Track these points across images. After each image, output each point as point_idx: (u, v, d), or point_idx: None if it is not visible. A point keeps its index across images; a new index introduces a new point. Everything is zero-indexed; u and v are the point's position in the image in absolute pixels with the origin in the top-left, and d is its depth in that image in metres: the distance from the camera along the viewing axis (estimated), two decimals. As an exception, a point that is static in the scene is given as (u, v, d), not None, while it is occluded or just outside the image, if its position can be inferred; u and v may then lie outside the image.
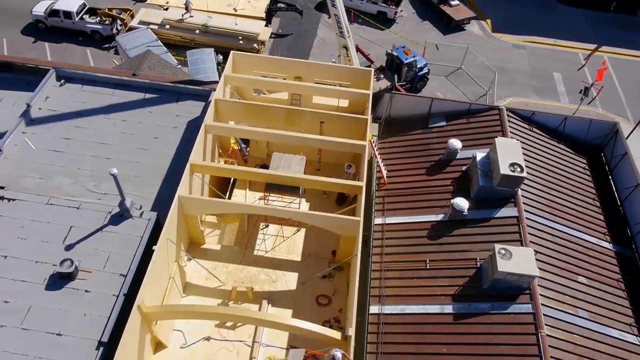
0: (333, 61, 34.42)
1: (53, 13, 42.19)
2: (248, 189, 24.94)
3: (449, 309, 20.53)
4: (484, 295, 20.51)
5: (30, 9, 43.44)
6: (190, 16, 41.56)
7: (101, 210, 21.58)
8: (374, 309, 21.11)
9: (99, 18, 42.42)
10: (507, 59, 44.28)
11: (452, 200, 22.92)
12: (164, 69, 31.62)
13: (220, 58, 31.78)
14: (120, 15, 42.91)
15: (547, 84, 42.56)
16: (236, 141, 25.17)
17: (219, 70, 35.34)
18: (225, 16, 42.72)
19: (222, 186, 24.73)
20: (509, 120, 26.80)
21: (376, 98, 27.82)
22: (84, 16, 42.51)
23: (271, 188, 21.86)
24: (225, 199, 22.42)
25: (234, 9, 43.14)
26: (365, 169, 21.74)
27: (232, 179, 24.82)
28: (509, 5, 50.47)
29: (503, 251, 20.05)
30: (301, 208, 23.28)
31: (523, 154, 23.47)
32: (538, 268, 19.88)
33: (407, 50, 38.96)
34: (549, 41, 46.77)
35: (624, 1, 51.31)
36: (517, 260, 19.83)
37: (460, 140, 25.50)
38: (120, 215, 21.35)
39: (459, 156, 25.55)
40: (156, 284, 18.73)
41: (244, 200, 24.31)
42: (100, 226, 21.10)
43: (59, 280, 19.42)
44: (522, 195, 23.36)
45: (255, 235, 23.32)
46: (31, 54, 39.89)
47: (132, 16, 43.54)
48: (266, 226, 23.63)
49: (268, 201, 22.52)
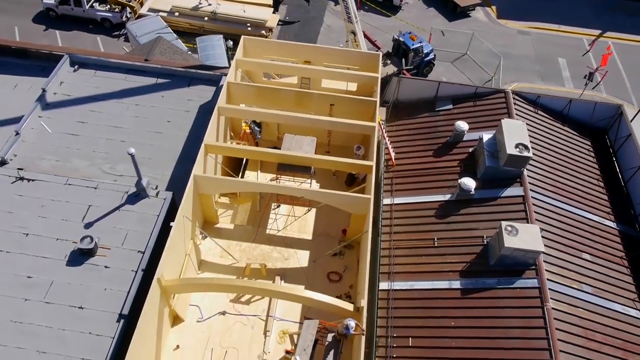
0: (341, 46, 34.85)
1: (63, 1, 42.73)
2: (259, 171, 25.53)
3: (456, 284, 21.13)
4: (491, 271, 21.10)
5: (40, -3, 43.93)
6: (199, 3, 42.02)
7: (118, 190, 22.20)
8: (383, 285, 21.71)
9: (108, 6, 42.93)
10: (512, 45, 44.65)
11: (460, 180, 23.44)
12: (175, 55, 32.14)
13: (231, 44, 32.33)
14: (130, 3, 43.39)
15: (552, 69, 42.94)
16: (248, 124, 25.69)
17: (229, 55, 35.84)
18: (234, 3, 43.16)
19: (234, 168, 25.32)
20: (514, 103, 27.26)
21: (383, 83, 28.29)
22: (94, 4, 43.07)
23: (283, 168, 22.44)
24: (238, 178, 22.98)
25: (242, -5, 43.64)
26: (375, 149, 22.27)
27: (244, 162, 25.38)
28: (514, -9, 50.84)
29: (509, 228, 20.60)
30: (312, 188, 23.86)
31: (528, 135, 23.95)
32: (543, 245, 20.45)
33: (414, 36, 39.38)
34: (553, 27, 47.10)
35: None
36: (523, 237, 20.38)
37: (467, 123, 26.00)
38: (136, 195, 21.97)
39: (465, 138, 26.05)
40: (173, 260, 19.37)
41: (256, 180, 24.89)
42: (117, 205, 21.72)
43: (79, 257, 20.08)
44: (528, 175, 23.87)
45: (267, 215, 23.94)
46: (42, 41, 40.34)
47: (142, 4, 44.05)
48: (278, 206, 24.24)
49: (280, 181, 23.11)
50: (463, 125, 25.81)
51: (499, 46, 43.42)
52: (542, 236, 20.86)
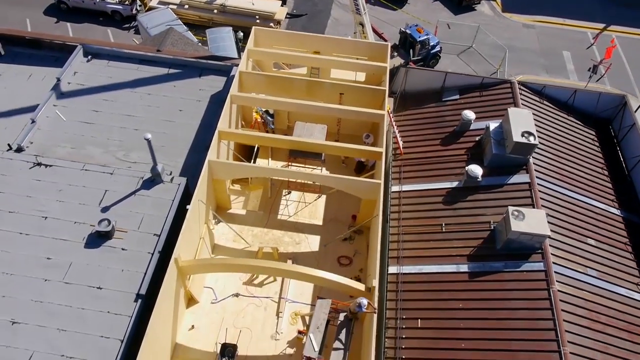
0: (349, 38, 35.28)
1: (75, -7, 43.13)
2: (270, 159, 26.03)
3: (464, 268, 21.63)
4: (498, 255, 21.61)
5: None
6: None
7: (134, 176, 22.71)
8: (392, 270, 22.23)
9: (119, -2, 43.53)
10: (517, 38, 45.08)
11: (467, 167, 23.92)
12: (186, 46, 32.64)
13: (241, 35, 32.84)
14: (140, -4, 43.94)
15: (557, 62, 43.39)
16: (259, 113, 26.19)
17: (239, 47, 36.30)
18: (243, -5, 43.49)
19: (246, 156, 25.78)
20: (520, 93, 27.70)
21: (391, 74, 28.73)
22: (105, -4, 43.44)
23: (295, 154, 22.94)
24: (251, 164, 23.45)
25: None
26: (384, 136, 22.75)
27: (255, 150, 25.84)
28: (519, -15, 51.16)
29: (516, 212, 21.09)
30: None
31: (534, 124, 24.40)
32: (549, 230, 20.92)
33: (420, 29, 39.83)
34: (558, 20, 47.51)
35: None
36: (530, 221, 20.88)
37: (474, 112, 26.45)
38: (151, 181, 22.49)
39: (472, 127, 26.49)
40: (189, 242, 19.90)
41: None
42: (133, 190, 22.24)
43: (97, 239, 20.62)
44: (534, 163, 24.34)
45: (278, 202, 24.46)
46: (54, 33, 40.90)
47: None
48: (289, 193, 24.76)
49: (291, 168, 23.59)
50: (470, 114, 26.26)
51: (504, 39, 43.85)
52: (548, 222, 21.33)
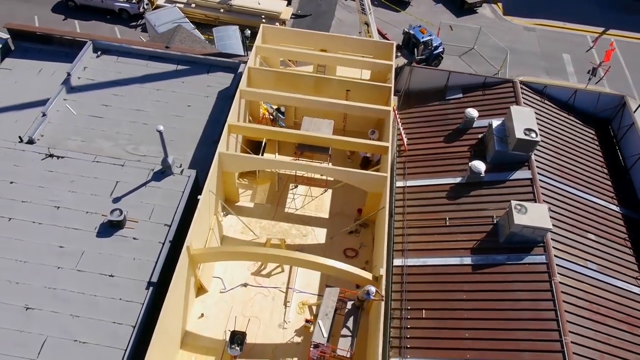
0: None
1: (83, -9, 43.60)
2: (277, 154, 26.50)
3: (467, 260, 22.10)
4: (501, 248, 22.08)
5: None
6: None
7: (144, 168, 23.15)
8: (397, 262, 22.67)
9: (126, -3, 43.99)
10: (518, 41, 45.75)
11: (470, 163, 24.43)
12: (194, 43, 33.14)
13: (248, 33, 33.38)
14: (147, -6, 44.41)
15: (557, 64, 44.05)
16: (266, 108, 26.66)
17: (246, 45, 36.76)
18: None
19: (253, 152, 26.17)
20: (522, 93, 28.24)
21: (395, 73, 29.23)
22: (112, -6, 43.92)
23: (303, 148, 23.42)
24: (260, 156, 23.88)
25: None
26: (390, 131, 23.25)
27: (263, 145, 26.26)
28: (520, -11, 51.91)
29: (519, 206, 21.60)
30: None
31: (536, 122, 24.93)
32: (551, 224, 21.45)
33: (424, 30, 40.46)
34: (558, 24, 48.23)
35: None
36: (532, 215, 21.38)
37: (477, 111, 26.98)
38: (162, 172, 22.93)
39: (475, 125, 27.02)
40: (199, 232, 20.33)
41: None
42: (144, 182, 22.68)
43: (108, 229, 21.05)
44: (535, 160, 24.86)
45: (285, 195, 24.93)
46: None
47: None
48: (295, 186, 25.23)
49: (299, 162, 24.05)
50: (473, 112, 26.79)
51: (505, 42, 44.50)
52: (550, 216, 21.81)
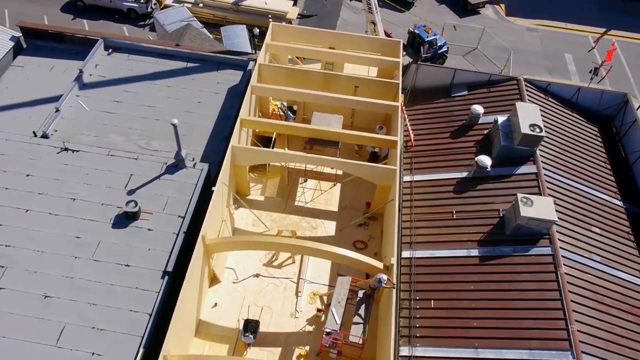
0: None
1: (92, -9, 44.15)
2: (287, 149, 26.96)
3: (474, 252, 22.56)
4: (507, 241, 22.55)
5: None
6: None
7: (157, 162, 23.61)
8: (406, 254, 23.12)
9: (134, -4, 44.53)
10: (520, 41, 46.34)
11: (477, 157, 24.91)
12: (204, 41, 33.65)
13: (257, 31, 33.91)
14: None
15: (559, 64, 44.62)
16: (276, 105, 27.15)
17: (255, 43, 37.26)
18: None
19: (263, 146, 26.69)
20: (526, 90, 28.78)
21: (402, 71, 29.71)
22: (120, -6, 44.47)
23: (313, 142, 23.89)
24: (271, 149, 24.33)
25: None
26: (399, 126, 23.73)
27: (273, 141, 26.74)
28: (522, -10, 52.52)
29: (525, 199, 22.08)
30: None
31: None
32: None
33: (428, 29, 41.05)
34: (560, 25, 48.84)
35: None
36: (538, 207, 21.86)
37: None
38: (175, 166, 23.39)
39: (480, 121, 27.54)
40: (213, 223, 20.77)
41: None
42: (157, 175, 23.13)
43: (124, 220, 21.50)
44: (540, 155, 25.36)
45: (295, 189, 25.39)
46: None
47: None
48: (305, 181, 25.69)
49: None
50: (479, 108, 27.30)
51: (507, 42, 45.09)
52: (555, 210, 22.28)
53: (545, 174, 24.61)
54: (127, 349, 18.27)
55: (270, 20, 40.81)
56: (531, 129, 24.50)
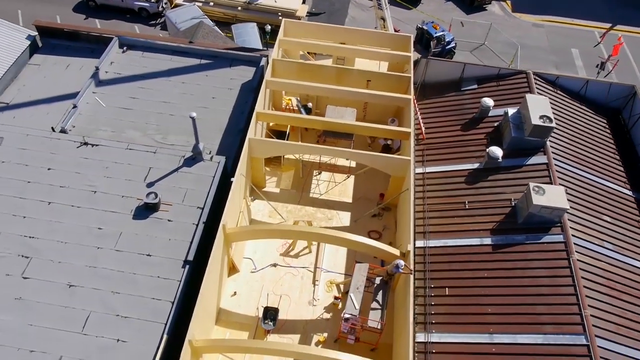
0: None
1: (104, -9, 44.82)
2: (300, 142, 27.39)
3: (487, 241, 22.95)
4: (519, 229, 22.93)
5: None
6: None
7: (175, 155, 24.10)
8: (419, 244, 23.54)
9: (145, -4, 45.15)
10: (527, 37, 46.76)
11: (488, 148, 25.31)
12: (216, 39, 34.16)
13: (269, 28, 34.40)
14: (166, -7, 45.53)
15: (566, 59, 45.02)
16: (289, 99, 27.62)
17: (267, 41, 37.73)
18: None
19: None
20: (535, 83, 29.16)
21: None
22: (132, -6, 45.12)
23: (327, 135, 24.34)
24: (287, 141, 24.77)
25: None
26: (412, 118, 24.16)
27: (287, 135, 27.16)
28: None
29: (537, 188, 22.47)
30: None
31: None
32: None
33: (436, 25, 41.54)
34: (566, 20, 49.24)
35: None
36: (550, 196, 22.24)
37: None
38: (192, 159, 23.87)
39: (490, 114, 27.93)
40: (232, 214, 21.22)
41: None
42: (175, 167, 23.61)
43: (144, 211, 21.98)
44: (550, 146, 25.73)
45: (309, 181, 25.85)
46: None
47: (178, -6, 46.21)
48: (319, 173, 26.15)
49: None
50: (489, 101, 27.70)
51: (514, 37, 45.54)
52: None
53: (555, 164, 24.98)
54: (151, 335, 18.76)
55: (280, 17, 41.43)
56: (541, 120, 24.87)
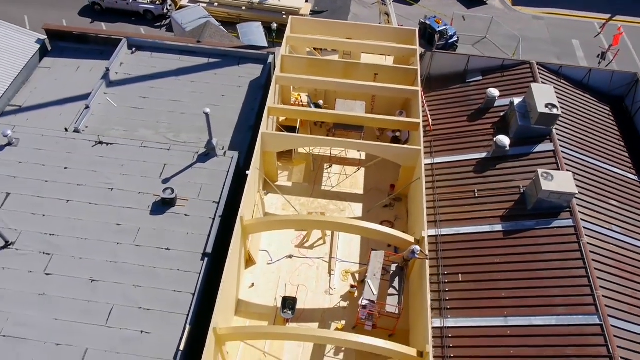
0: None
1: (110, -5, 45.31)
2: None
3: (498, 227, 23.38)
4: (529, 215, 23.36)
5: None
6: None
7: (189, 151, 24.55)
8: (431, 232, 23.87)
9: (150, -1, 45.67)
10: (528, 29, 47.26)
11: (496, 137, 25.73)
12: (223, 38, 34.61)
13: (275, 26, 34.80)
14: (171, -5, 46.07)
15: (567, 50, 45.50)
16: (299, 96, 28.06)
17: (273, 39, 38.12)
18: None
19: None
20: (539, 73, 29.59)
21: (416, 59, 30.62)
22: (137, -3, 45.59)
23: (338, 127, 24.78)
24: (300, 135, 25.22)
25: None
26: (420, 109, 24.59)
27: (296, 130, 27.55)
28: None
29: (545, 174, 22.90)
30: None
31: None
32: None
33: (439, 20, 42.07)
34: (565, 12, 49.73)
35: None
36: (558, 181, 22.68)
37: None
38: (206, 155, 24.31)
39: (496, 104, 28.35)
40: (248, 207, 21.63)
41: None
42: (190, 164, 24.07)
43: (161, 207, 22.43)
44: (557, 133, 26.17)
45: (321, 174, 26.29)
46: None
47: (182, -5, 46.67)
48: (330, 166, 26.58)
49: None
50: (494, 91, 28.12)
51: (515, 30, 46.06)
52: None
53: (562, 151, 25.40)
54: (174, 326, 19.20)
55: (284, 16, 41.93)
56: (547, 108, 25.30)
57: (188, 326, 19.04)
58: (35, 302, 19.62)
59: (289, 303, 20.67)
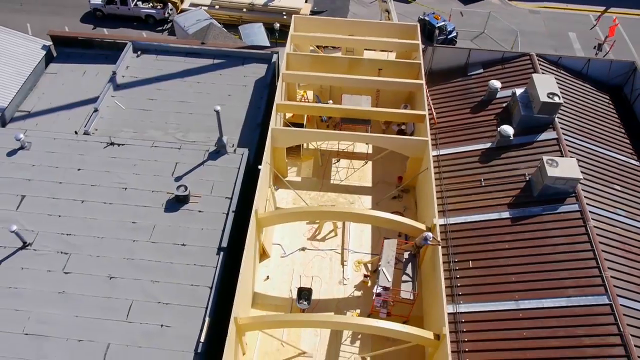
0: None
1: (110, 1, 45.98)
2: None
3: (505, 215, 23.83)
4: (535, 202, 23.83)
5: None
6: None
7: (200, 149, 24.96)
8: (440, 221, 24.20)
9: (151, 3, 46.03)
10: (525, 23, 47.90)
11: (500, 127, 26.22)
12: (226, 39, 35.09)
13: (277, 26, 35.35)
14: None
15: (564, 42, 46.13)
16: (305, 92, 28.52)
17: (276, 39, 38.63)
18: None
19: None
20: (539, 64, 30.13)
21: (417, 54, 31.10)
22: (138, 2, 46.31)
23: (345, 122, 25.24)
24: (309, 129, 25.66)
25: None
26: (425, 102, 25.07)
27: (303, 126, 27.99)
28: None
29: (550, 161, 23.39)
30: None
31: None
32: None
33: (437, 16, 42.64)
34: (561, 5, 50.37)
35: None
36: (563, 167, 23.17)
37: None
38: (217, 152, 24.73)
39: (498, 95, 28.86)
40: (261, 201, 22.05)
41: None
42: (201, 161, 24.47)
43: (175, 204, 22.83)
44: (559, 122, 26.67)
45: (329, 169, 26.73)
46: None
47: (182, 0, 47.11)
48: (338, 160, 27.03)
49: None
50: (496, 83, 28.64)
51: (512, 25, 46.65)
52: (579, 170, 23.61)
53: (565, 139, 25.90)
54: (193, 319, 19.57)
55: (285, 17, 42.46)
56: (549, 97, 25.81)
57: (208, 318, 19.43)
58: (55, 301, 19.96)
59: (304, 294, 21.04)
